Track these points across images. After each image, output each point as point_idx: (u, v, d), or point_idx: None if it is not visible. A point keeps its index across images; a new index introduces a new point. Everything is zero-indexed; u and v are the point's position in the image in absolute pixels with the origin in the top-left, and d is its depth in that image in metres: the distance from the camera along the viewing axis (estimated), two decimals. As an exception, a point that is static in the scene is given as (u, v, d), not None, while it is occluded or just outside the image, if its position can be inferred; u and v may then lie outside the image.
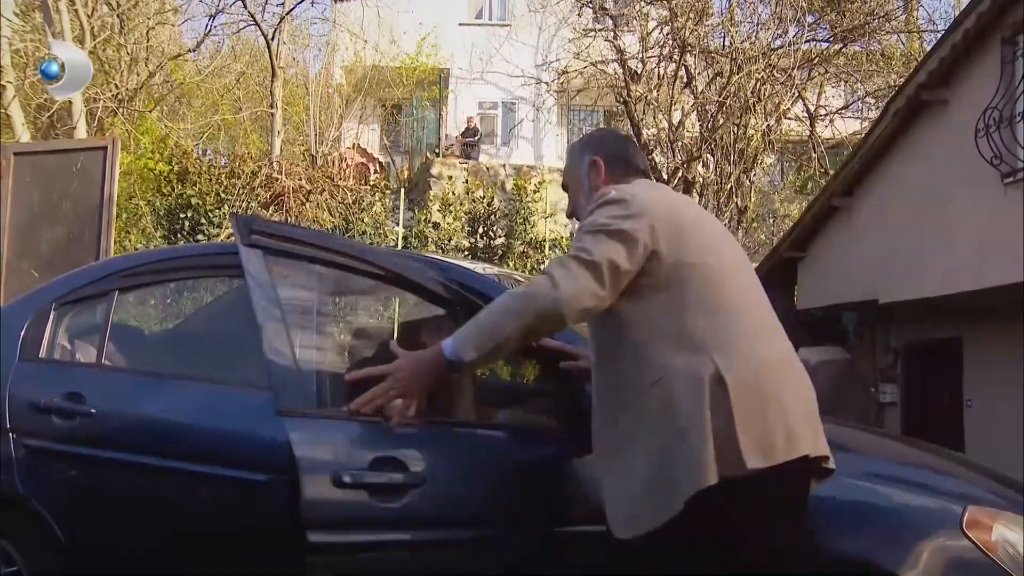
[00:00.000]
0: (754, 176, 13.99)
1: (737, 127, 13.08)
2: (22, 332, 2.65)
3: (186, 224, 11.08)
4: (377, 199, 12.86)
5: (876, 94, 14.77)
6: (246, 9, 14.32)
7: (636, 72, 13.70)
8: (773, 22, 13.32)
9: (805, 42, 13.45)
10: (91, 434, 2.45)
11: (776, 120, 13.58)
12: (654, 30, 13.99)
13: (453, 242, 12.30)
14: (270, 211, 11.76)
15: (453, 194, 13.05)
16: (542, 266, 11.81)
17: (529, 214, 12.93)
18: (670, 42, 13.30)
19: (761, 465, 1.75)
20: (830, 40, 13.91)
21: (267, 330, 2.27)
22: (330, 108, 17.73)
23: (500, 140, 20.33)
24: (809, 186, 16.03)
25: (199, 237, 10.92)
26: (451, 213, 12.65)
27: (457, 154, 18.30)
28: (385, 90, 18.63)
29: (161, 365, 2.82)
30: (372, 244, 10.86)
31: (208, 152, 16.31)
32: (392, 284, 2.48)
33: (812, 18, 13.90)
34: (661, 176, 12.38)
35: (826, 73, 14.56)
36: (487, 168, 17.17)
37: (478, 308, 2.08)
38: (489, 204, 12.79)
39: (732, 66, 12.82)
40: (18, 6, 10.88)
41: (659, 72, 13.70)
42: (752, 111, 12.96)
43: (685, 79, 13.52)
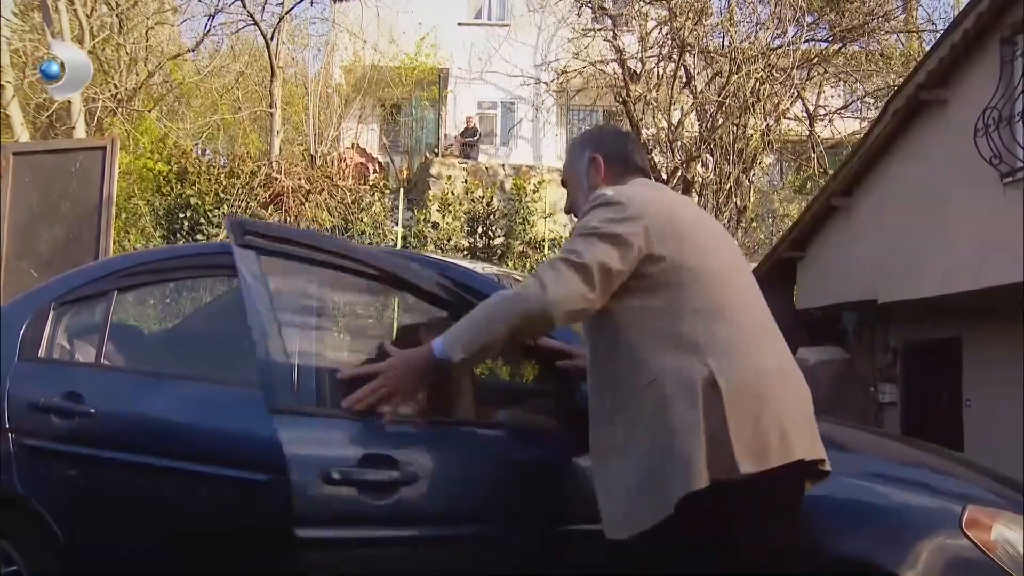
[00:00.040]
0: (753, 176, 13.99)
1: (736, 127, 13.09)
2: (21, 332, 2.65)
3: (185, 224, 11.06)
4: (376, 199, 12.83)
5: (875, 94, 14.76)
6: (245, 9, 14.34)
7: (635, 72, 13.69)
8: (772, 22, 13.33)
9: (804, 42, 13.47)
10: (90, 434, 2.44)
11: (775, 120, 13.58)
12: (653, 30, 13.98)
13: (452, 242, 12.28)
14: (269, 211, 11.74)
15: (452, 194, 13.03)
16: (541, 266, 11.76)
17: (528, 214, 12.91)
18: (669, 42, 13.30)
19: (754, 469, 1.75)
20: (829, 40, 13.91)
21: (259, 331, 2.28)
22: (329, 108, 17.71)
23: (499, 140, 20.30)
24: (808, 186, 16.04)
25: (198, 237, 10.89)
26: (450, 213, 12.63)
27: (456, 154, 18.26)
28: (384, 90, 18.62)
29: (160, 365, 2.82)
30: (371, 244, 10.85)
31: (207, 152, 16.32)
32: (387, 284, 2.48)
33: (811, 18, 13.89)
34: (660, 176, 12.36)
35: (825, 73, 14.55)
36: (486, 168, 17.14)
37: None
38: (488, 204, 12.77)
39: (731, 66, 12.83)
40: (17, 6, 10.87)
41: (658, 72, 13.69)
42: (751, 111, 12.97)
43: (684, 79, 13.50)
